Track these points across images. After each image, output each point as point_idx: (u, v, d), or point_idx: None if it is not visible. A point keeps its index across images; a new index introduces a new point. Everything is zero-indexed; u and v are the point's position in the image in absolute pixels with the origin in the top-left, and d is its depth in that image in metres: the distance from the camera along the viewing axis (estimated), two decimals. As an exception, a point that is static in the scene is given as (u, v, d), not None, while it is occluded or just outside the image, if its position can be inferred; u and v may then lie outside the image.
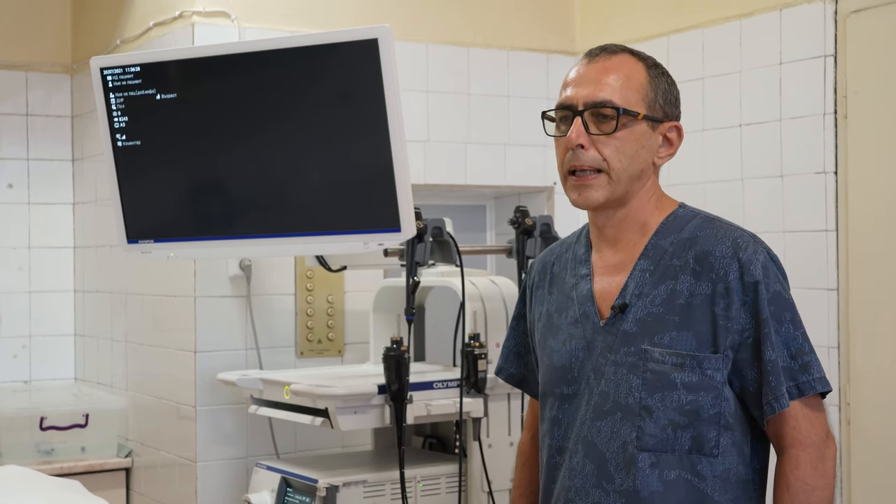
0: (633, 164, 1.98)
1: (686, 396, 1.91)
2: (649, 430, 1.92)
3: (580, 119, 1.97)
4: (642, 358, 1.94)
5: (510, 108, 3.91)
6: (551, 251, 2.20)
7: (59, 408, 3.86)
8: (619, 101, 1.96)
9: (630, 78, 2.00)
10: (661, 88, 2.02)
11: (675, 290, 1.95)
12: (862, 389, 3.09)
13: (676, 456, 1.92)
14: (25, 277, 4.26)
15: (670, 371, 1.92)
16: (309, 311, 3.60)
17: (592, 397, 1.99)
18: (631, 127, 1.97)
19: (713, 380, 1.92)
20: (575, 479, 1.99)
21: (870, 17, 3.07)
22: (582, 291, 2.04)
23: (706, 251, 1.96)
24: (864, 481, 3.09)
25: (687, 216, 2.03)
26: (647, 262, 1.99)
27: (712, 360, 1.92)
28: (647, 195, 2.02)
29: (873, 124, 3.07)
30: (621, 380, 1.95)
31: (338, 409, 2.88)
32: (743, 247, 1.94)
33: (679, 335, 1.93)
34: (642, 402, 1.93)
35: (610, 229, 2.03)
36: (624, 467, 1.93)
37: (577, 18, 4.03)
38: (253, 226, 2.83)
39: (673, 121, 2.03)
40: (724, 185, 3.43)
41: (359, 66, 2.62)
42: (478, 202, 4.21)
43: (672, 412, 1.92)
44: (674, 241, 1.99)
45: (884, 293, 3.04)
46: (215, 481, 3.45)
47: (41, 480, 2.26)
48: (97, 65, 2.88)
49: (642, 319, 1.96)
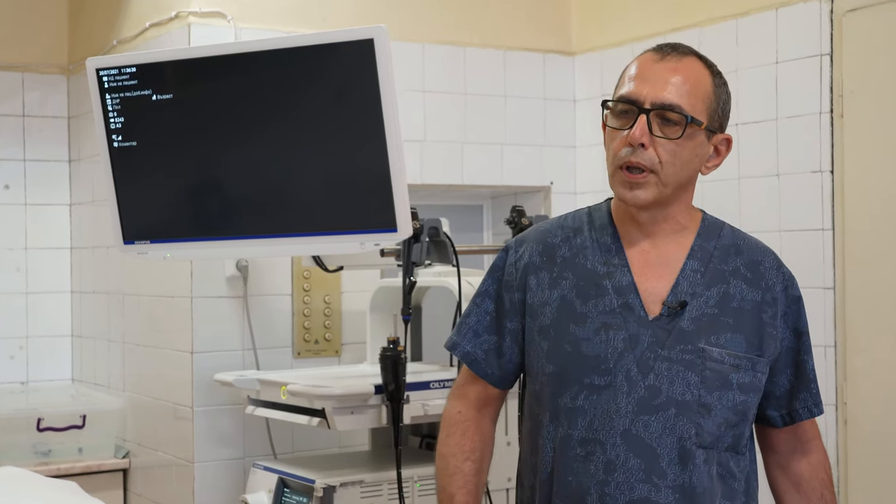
0: (684, 171, 1.99)
1: (740, 397, 1.99)
2: (708, 428, 1.97)
3: (645, 118, 1.96)
4: (700, 356, 1.97)
5: (507, 108, 3.91)
6: (550, 233, 2.12)
7: (56, 409, 3.86)
8: (687, 108, 1.96)
9: (698, 85, 1.99)
10: (723, 99, 2.04)
11: (728, 294, 2.01)
12: (858, 388, 3.09)
13: (717, 453, 1.99)
14: (22, 278, 4.26)
15: (728, 371, 1.98)
16: (306, 312, 3.60)
17: (636, 391, 1.97)
18: (692, 135, 1.98)
19: (760, 382, 2.03)
20: (615, 472, 1.96)
21: (865, 16, 3.08)
22: (620, 282, 2.02)
23: (756, 261, 2.06)
24: (861, 480, 3.09)
25: (717, 223, 2.10)
26: (696, 263, 2.02)
27: (760, 363, 2.01)
28: (687, 200, 2.06)
29: (869, 123, 3.07)
30: (676, 376, 1.96)
31: (335, 410, 2.88)
32: (781, 262, 2.10)
33: (733, 337, 1.99)
34: (701, 399, 1.96)
35: (652, 226, 2.04)
36: (679, 462, 1.95)
37: (574, 18, 4.03)
38: (249, 226, 2.83)
39: (724, 133, 2.05)
40: (720, 183, 3.43)
41: (355, 67, 2.62)
42: (474, 202, 4.21)
43: (727, 411, 1.98)
44: (717, 246, 2.05)
45: (880, 292, 3.04)
46: (212, 482, 3.45)
47: (38, 481, 2.26)
48: (93, 65, 2.88)
49: (698, 318, 1.99)
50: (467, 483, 2.12)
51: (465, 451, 2.13)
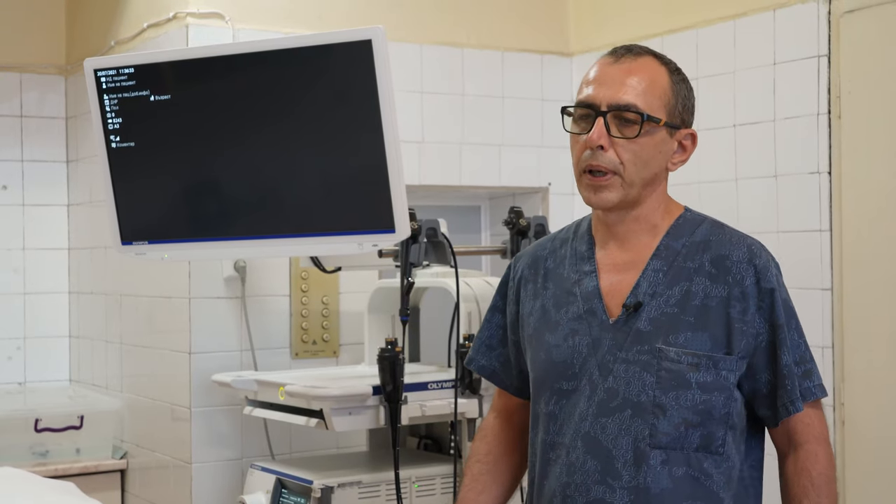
0: (647, 169, 2.00)
1: (700, 396, 1.96)
2: (663, 428, 1.95)
3: (602, 120, 1.98)
4: (656, 356, 1.96)
5: (504, 109, 3.91)
6: (542, 246, 2.20)
7: (53, 409, 3.86)
8: (643, 106, 1.98)
9: (654, 83, 2.00)
10: (682, 95, 2.04)
11: (690, 292, 1.99)
12: (856, 389, 3.09)
13: (685, 453, 1.96)
14: (20, 279, 4.25)
15: (686, 370, 1.96)
16: (304, 313, 3.60)
17: (596, 394, 1.99)
18: (651, 133, 1.99)
19: (727, 380, 1.97)
20: (574, 475, 1.99)
21: (863, 18, 3.08)
22: (587, 288, 2.05)
23: (722, 255, 2.01)
24: (860, 482, 3.09)
25: (696, 220, 2.08)
26: (659, 263, 2.02)
27: (727, 361, 1.97)
28: (658, 198, 2.05)
29: (867, 124, 3.07)
30: (633, 377, 1.97)
31: (332, 411, 2.88)
32: (757, 253, 2.02)
33: (694, 336, 1.97)
34: (656, 399, 1.95)
35: (620, 228, 2.05)
36: (633, 464, 1.95)
37: (571, 19, 4.03)
38: (247, 227, 2.83)
39: (689, 128, 2.05)
40: (718, 185, 3.44)
41: (353, 68, 2.62)
42: (472, 203, 4.21)
43: (686, 411, 1.96)
44: (686, 244, 2.03)
45: (877, 293, 3.04)
46: (210, 483, 3.45)
47: (35, 482, 2.26)
48: (91, 66, 2.88)
49: (656, 319, 1.98)
50: (473, 482, 2.22)
51: (478, 453, 2.25)
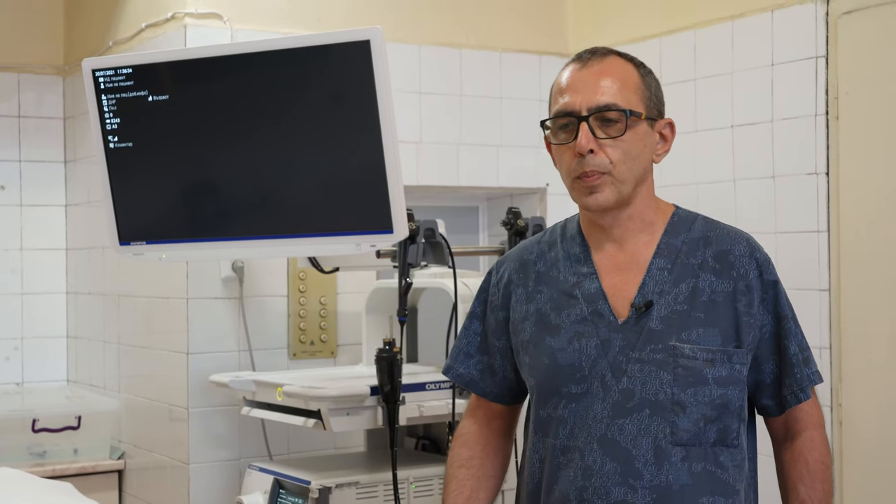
0: (637, 165, 2.01)
1: (717, 391, 1.98)
2: (683, 425, 1.97)
3: (586, 125, 1.98)
4: (672, 354, 1.97)
5: (502, 110, 3.91)
6: (527, 250, 2.19)
7: (51, 410, 3.86)
8: (623, 103, 1.99)
9: (626, 80, 2.02)
10: (653, 87, 2.07)
11: (697, 288, 2.01)
12: (854, 390, 3.10)
13: (703, 448, 1.98)
14: (18, 279, 4.25)
15: (702, 366, 1.98)
16: (301, 313, 3.60)
17: (610, 395, 1.99)
18: (635, 128, 2.00)
19: (740, 374, 2.01)
20: (591, 478, 1.98)
21: (861, 19, 3.08)
22: (589, 290, 2.05)
23: (724, 250, 2.04)
24: (858, 482, 3.09)
25: (690, 216, 2.10)
26: (663, 261, 2.03)
27: (739, 354, 2.01)
28: (649, 194, 2.07)
29: (865, 125, 3.08)
30: (649, 377, 1.98)
31: (330, 411, 2.88)
32: (756, 247, 2.07)
33: (706, 331, 1.99)
34: (675, 397, 1.97)
35: (617, 229, 2.06)
36: (654, 462, 1.96)
37: (570, 20, 4.04)
38: (245, 227, 2.83)
39: (664, 118, 2.07)
40: (715, 186, 3.44)
41: (351, 68, 2.62)
42: (470, 203, 4.21)
43: (704, 406, 1.98)
44: (685, 241, 2.05)
45: (875, 294, 3.05)
46: (208, 483, 3.45)
47: (33, 482, 2.25)
48: (89, 66, 2.88)
49: (667, 317, 1.99)
50: (460, 487, 2.20)
51: (461, 459, 2.22)
